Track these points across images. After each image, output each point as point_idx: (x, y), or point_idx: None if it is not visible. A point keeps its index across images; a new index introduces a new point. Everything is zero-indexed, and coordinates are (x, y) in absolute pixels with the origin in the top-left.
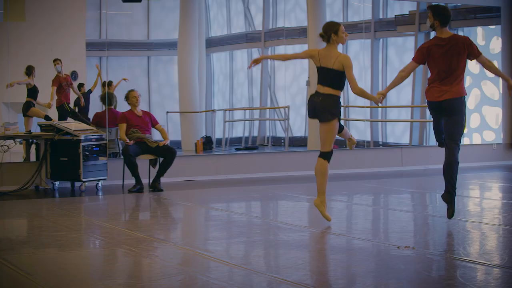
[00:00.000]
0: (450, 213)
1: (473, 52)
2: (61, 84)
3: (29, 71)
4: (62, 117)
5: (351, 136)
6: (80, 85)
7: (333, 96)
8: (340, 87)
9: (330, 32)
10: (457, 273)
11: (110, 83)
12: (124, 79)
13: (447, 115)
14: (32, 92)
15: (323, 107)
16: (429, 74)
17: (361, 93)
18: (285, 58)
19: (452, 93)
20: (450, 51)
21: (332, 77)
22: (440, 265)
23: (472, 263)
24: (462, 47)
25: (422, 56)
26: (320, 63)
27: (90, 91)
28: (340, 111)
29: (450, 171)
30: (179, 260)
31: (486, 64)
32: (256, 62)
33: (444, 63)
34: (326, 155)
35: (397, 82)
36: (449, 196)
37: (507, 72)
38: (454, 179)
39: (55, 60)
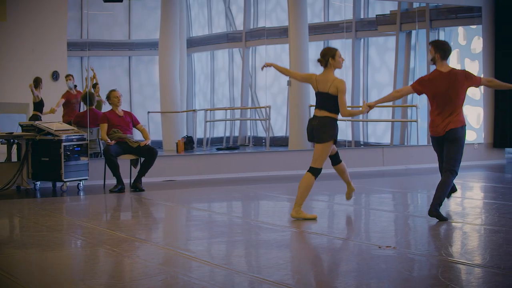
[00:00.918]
0: (445, 220)
1: (474, 82)
2: (70, 101)
3: (37, 83)
4: None
5: (351, 182)
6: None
7: (330, 118)
8: (337, 111)
9: (328, 56)
10: (438, 273)
11: (95, 85)
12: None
13: (449, 143)
14: (39, 105)
15: (320, 129)
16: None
17: (349, 114)
18: (288, 73)
19: (454, 123)
20: (451, 84)
21: (328, 101)
22: (422, 264)
23: (454, 263)
24: (461, 80)
25: (421, 87)
26: (318, 88)
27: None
28: (337, 134)
29: (442, 190)
30: (160, 260)
31: (489, 85)
32: (268, 65)
33: (444, 96)
34: (315, 171)
35: (388, 100)
36: (435, 212)
37: (488, 72)
38: (442, 199)
39: (67, 76)
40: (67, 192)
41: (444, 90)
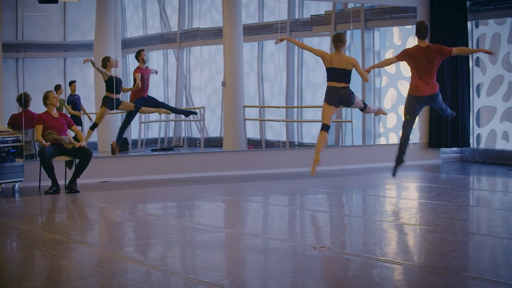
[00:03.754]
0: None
1: (444, 53)
2: (143, 76)
3: (104, 62)
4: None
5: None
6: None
7: (349, 88)
8: (350, 81)
9: (345, 41)
10: (373, 273)
11: (58, 86)
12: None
13: (433, 101)
14: (109, 84)
15: (348, 96)
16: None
17: (368, 78)
18: (302, 46)
19: (433, 89)
20: (427, 57)
21: (345, 75)
22: (357, 265)
23: (389, 263)
24: (434, 53)
25: (404, 57)
26: (333, 65)
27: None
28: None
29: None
30: (95, 262)
31: (460, 52)
32: (281, 40)
33: (423, 66)
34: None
35: (381, 66)
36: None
37: None
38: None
39: (141, 52)
40: (2, 194)
41: (421, 60)
